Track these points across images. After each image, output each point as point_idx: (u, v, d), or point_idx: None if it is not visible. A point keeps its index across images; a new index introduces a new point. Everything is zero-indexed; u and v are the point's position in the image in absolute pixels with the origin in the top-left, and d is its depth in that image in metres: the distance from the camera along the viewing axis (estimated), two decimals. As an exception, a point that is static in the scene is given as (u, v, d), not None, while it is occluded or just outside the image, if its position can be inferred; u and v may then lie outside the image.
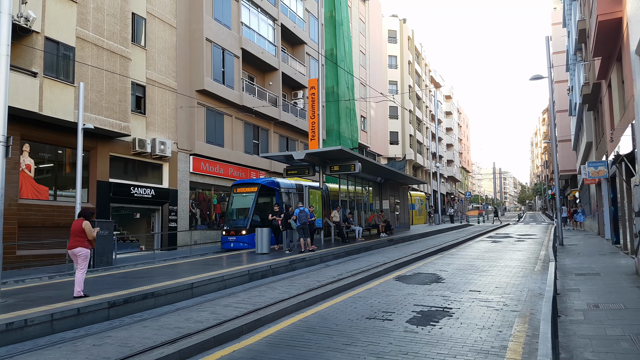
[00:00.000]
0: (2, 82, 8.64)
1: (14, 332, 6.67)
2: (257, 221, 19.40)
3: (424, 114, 67.62)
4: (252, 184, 20.51)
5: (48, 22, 16.35)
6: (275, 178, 21.48)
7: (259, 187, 19.96)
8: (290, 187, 21.44)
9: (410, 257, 14.43)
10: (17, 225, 15.73)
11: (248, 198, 19.82)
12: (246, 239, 18.98)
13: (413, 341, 5.90)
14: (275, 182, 20.69)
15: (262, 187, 20.03)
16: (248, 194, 19.97)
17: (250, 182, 20.87)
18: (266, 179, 21.22)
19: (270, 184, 20.41)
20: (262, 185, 20.10)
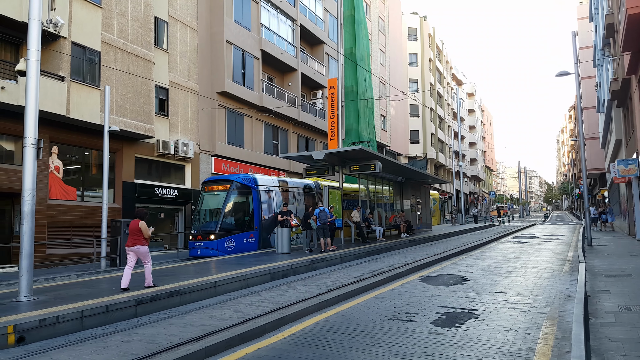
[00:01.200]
0: (33, 87, 8.87)
1: (46, 329, 6.82)
2: (230, 224, 17.40)
3: (446, 111, 66.91)
4: (224, 181, 18.25)
5: (74, 27, 16.72)
6: (253, 174, 19.24)
7: (231, 185, 17.74)
8: (271, 185, 19.21)
9: (433, 258, 14.29)
10: (47, 225, 16.14)
11: (219, 197, 17.63)
12: (215, 245, 16.66)
13: (438, 343, 5.84)
14: (252, 178, 18.45)
15: (234, 184, 17.78)
16: (219, 192, 17.75)
17: (222, 179, 18.61)
18: (241, 175, 18.87)
19: (246, 180, 18.16)
20: (235, 183, 17.84)
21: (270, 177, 19.66)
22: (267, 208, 18.56)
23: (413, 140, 52.77)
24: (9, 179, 15.31)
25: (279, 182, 19.73)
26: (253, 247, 17.72)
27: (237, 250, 16.95)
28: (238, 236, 17.30)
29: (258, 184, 18.35)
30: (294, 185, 20.65)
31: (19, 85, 14.39)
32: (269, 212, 18.66)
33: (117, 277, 11.30)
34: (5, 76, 14.97)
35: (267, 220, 18.50)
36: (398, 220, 24.66)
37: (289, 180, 20.50)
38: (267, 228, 18.49)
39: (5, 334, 6.33)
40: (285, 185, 19.97)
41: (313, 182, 21.82)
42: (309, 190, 21.47)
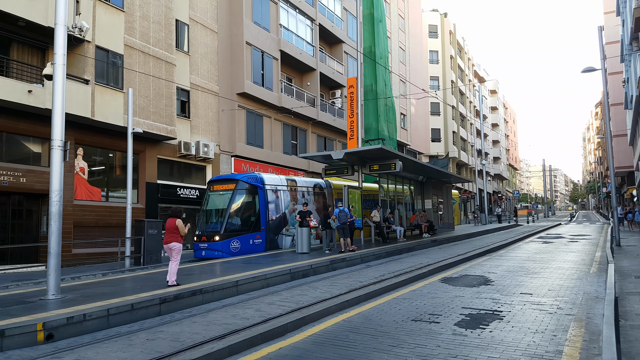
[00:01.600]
0: (59, 90, 9.05)
1: (74, 326, 6.96)
2: (235, 225, 16.82)
3: (468, 109, 66.10)
4: (230, 180, 17.71)
5: (98, 31, 17.04)
6: (260, 173, 18.71)
7: (236, 184, 17.18)
8: (279, 184, 18.62)
9: (456, 259, 14.11)
10: (73, 225, 16.50)
11: (224, 197, 17.08)
12: (220, 246, 16.08)
13: (462, 344, 5.76)
14: (258, 177, 17.88)
15: (240, 183, 17.23)
16: (225, 192, 17.22)
17: (227, 178, 18.11)
18: (247, 174, 18.24)
19: (252, 179, 17.56)
20: (241, 182, 17.29)
21: (277, 176, 19.10)
22: (274, 208, 17.99)
23: (434, 138, 52.27)
24: (37, 180, 15.69)
25: (287, 181, 19.15)
26: (259, 248, 17.09)
27: (243, 252, 16.36)
28: (244, 237, 16.73)
29: (265, 183, 17.81)
30: (304, 185, 20.09)
31: (46, 88, 14.73)
32: (277, 213, 18.13)
33: (141, 276, 11.48)
34: (33, 80, 15.34)
35: (274, 221, 17.94)
36: (419, 220, 24.44)
37: (297, 179, 19.96)
38: (275, 229, 17.95)
39: (34, 331, 6.49)
40: (294, 185, 19.38)
41: (324, 181, 21.38)
42: (319, 189, 20.94)
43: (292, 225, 18.46)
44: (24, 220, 16.57)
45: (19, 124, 15.34)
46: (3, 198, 15.80)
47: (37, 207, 16.56)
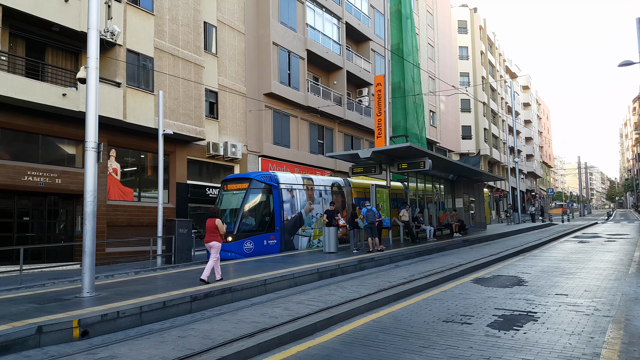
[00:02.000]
0: (92, 93, 9.27)
1: (108, 323, 7.11)
2: (249, 225, 16.32)
3: (500, 106, 64.80)
4: (243, 179, 17.18)
5: (129, 35, 17.40)
6: (275, 172, 18.21)
7: (250, 183, 16.67)
8: (294, 183, 18.02)
9: (488, 259, 13.84)
10: (106, 225, 16.90)
11: (238, 196, 16.59)
12: (233, 247, 15.55)
13: (495, 346, 5.62)
14: (272, 176, 17.32)
15: (254, 182, 16.71)
16: (238, 191, 16.71)
17: (241, 177, 17.58)
18: (261, 173, 17.75)
19: (266, 178, 17.03)
20: (255, 181, 16.76)
21: (293, 175, 18.62)
22: (289, 208, 17.46)
23: (465, 136, 51.42)
24: (71, 181, 16.14)
25: (303, 179, 18.61)
26: (274, 249, 16.57)
27: (257, 252, 15.92)
28: (257, 238, 16.19)
29: (279, 182, 17.25)
30: (321, 183, 19.52)
31: (79, 92, 15.13)
32: (292, 212, 17.59)
33: (172, 275, 11.67)
34: (67, 84, 15.77)
35: (289, 221, 17.41)
36: (450, 220, 24.07)
37: (314, 178, 19.38)
38: (290, 229, 17.42)
39: (70, 328, 6.65)
40: (310, 183, 18.81)
41: (342, 180, 20.92)
42: (337, 188, 20.34)
43: (309, 226, 18.24)
44: (60, 220, 17.07)
45: (54, 126, 15.80)
46: (39, 198, 16.32)
47: (72, 207, 17.03)
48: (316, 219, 18.62)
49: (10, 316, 7.11)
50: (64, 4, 15.18)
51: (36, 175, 15.29)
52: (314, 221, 18.55)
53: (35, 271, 14.48)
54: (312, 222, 18.48)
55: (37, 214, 16.49)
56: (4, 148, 15.03)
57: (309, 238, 18.22)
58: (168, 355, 5.47)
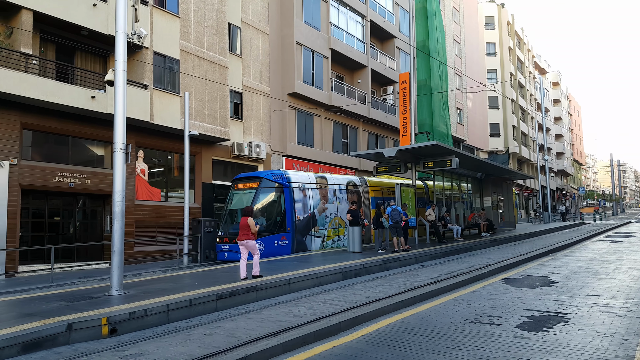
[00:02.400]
0: (120, 95, 9.44)
1: (135, 321, 7.22)
2: (260, 225, 15.67)
3: (529, 102, 63.47)
4: (253, 178, 16.88)
5: (155, 37, 17.67)
6: (286, 171, 17.76)
7: (260, 182, 16.36)
8: (307, 182, 17.54)
9: (517, 259, 13.54)
10: (134, 224, 17.21)
11: (248, 196, 16.34)
12: None
13: (524, 347, 5.48)
14: (284, 175, 16.96)
15: (264, 181, 16.40)
16: (248, 190, 16.44)
17: (251, 176, 17.22)
18: (272, 171, 17.42)
19: (277, 177, 16.69)
20: (265, 180, 16.45)
21: (306, 174, 18.15)
22: (301, 207, 17.00)
23: (493, 133, 50.55)
24: (100, 181, 16.49)
25: (316, 178, 18.14)
26: (285, 250, 16.13)
27: (267, 254, 15.46)
28: (268, 239, 15.77)
29: (291, 181, 16.85)
30: (335, 182, 18.98)
31: (107, 94, 15.44)
32: (304, 212, 17.13)
33: (198, 273, 11.80)
34: (95, 86, 16.12)
35: (301, 221, 16.94)
36: (478, 219, 23.69)
37: (328, 176, 18.92)
38: (302, 230, 16.94)
39: (99, 326, 6.78)
40: (324, 182, 18.34)
41: (358, 178, 20.48)
42: (352, 187, 19.74)
43: (322, 226, 17.83)
44: (89, 220, 17.47)
45: (83, 128, 16.17)
46: (69, 199, 16.73)
47: (101, 207, 17.41)
48: (330, 219, 18.21)
49: (41, 314, 7.30)
50: (92, 8, 15.52)
51: (66, 176, 15.68)
52: (328, 221, 18.12)
53: (65, 270, 14.87)
54: (326, 222, 18.03)
55: (67, 214, 16.90)
56: (35, 150, 15.46)
57: (323, 239, 17.80)
58: (194, 353, 5.51)
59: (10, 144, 14.33)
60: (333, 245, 18.07)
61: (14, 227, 14.33)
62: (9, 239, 14.12)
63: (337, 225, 18.39)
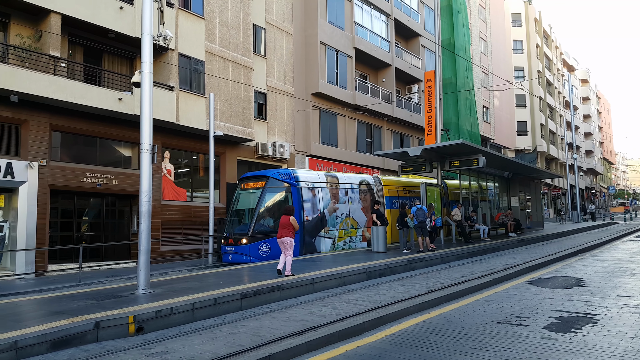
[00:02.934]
0: (147, 97, 9.58)
1: (162, 319, 7.31)
2: (265, 226, 15.39)
3: (557, 100, 62.08)
4: (260, 177, 16.30)
5: (181, 39, 17.91)
6: (294, 169, 16.96)
7: (267, 181, 15.79)
8: (316, 181, 16.88)
9: (545, 259, 13.25)
10: (161, 224, 17.47)
11: (254, 196, 15.78)
12: (247, 250, 14.76)
13: (552, 348, 5.35)
14: (291, 174, 16.31)
15: (271, 180, 15.84)
16: (255, 190, 15.88)
17: (257, 175, 16.62)
18: (279, 170, 16.80)
19: (284, 176, 16.09)
20: (271, 179, 15.88)
21: (315, 173, 17.50)
22: (310, 207, 16.40)
23: (520, 132, 49.62)
24: (127, 182, 16.80)
25: (326, 177, 17.45)
26: (293, 252, 16.10)
27: (274, 256, 14.80)
28: (275, 240, 14.91)
29: (299, 180, 16.24)
30: (347, 181, 18.26)
31: (134, 96, 15.72)
32: (313, 212, 16.49)
33: (223, 272, 11.89)
34: (122, 88, 16.43)
35: (310, 222, 16.34)
36: (505, 219, 23.28)
37: (339, 175, 18.26)
38: (311, 231, 16.31)
39: (126, 324, 6.88)
40: (334, 181, 17.63)
41: (371, 177, 19.67)
42: (366, 186, 18.91)
43: (333, 227, 17.13)
44: (117, 220, 17.81)
45: (110, 129, 16.50)
46: (97, 199, 17.10)
47: (128, 207, 17.73)
48: (341, 219, 17.51)
49: (70, 312, 7.45)
50: (119, 11, 15.82)
51: (94, 176, 16.02)
52: (339, 222, 17.35)
53: (93, 269, 15.20)
54: (337, 222, 17.27)
55: (95, 214, 17.26)
56: (64, 151, 15.85)
57: (333, 240, 17.08)
58: (219, 351, 5.54)
59: (40, 145, 14.72)
60: (344, 246, 17.38)
61: (44, 227, 14.72)
62: (39, 238, 14.51)
63: (349, 225, 17.78)
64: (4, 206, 14.68)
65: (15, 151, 14.45)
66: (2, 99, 13.69)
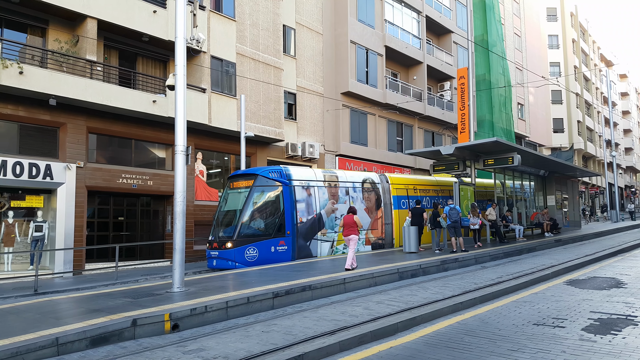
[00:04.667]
0: (181, 99, 9.75)
1: (196, 317, 7.42)
2: (252, 229, 14.14)
3: (594, 96, 60.15)
4: (248, 175, 14.95)
5: (213, 41, 18.16)
6: (287, 167, 15.58)
7: (255, 180, 14.46)
8: (311, 180, 15.58)
9: (583, 259, 12.86)
10: (194, 224, 17.75)
11: (241, 195, 14.52)
12: (232, 255, 13.53)
13: (590, 351, 5.19)
14: (282, 171, 14.98)
15: (260, 179, 14.51)
16: (243, 189, 14.63)
17: (246, 173, 15.28)
18: (269, 168, 15.37)
19: (274, 174, 14.76)
20: (260, 177, 14.55)
21: (311, 170, 16.35)
22: (305, 208, 15.11)
23: (556, 129, 48.29)
24: (162, 182, 17.14)
25: (324, 175, 16.16)
26: (284, 257, 14.31)
27: (262, 261, 13.80)
28: (263, 244, 14.01)
29: (291, 178, 14.95)
30: (349, 180, 16.90)
31: (168, 98, 16.02)
32: (308, 214, 15.19)
33: (255, 271, 11.98)
34: (156, 91, 16.77)
35: (304, 224, 15.03)
36: (541, 218, 22.70)
37: (340, 174, 16.91)
38: (305, 233, 15.03)
39: (162, 321, 7.01)
40: (333, 180, 16.28)
41: (377, 175, 18.35)
42: (370, 185, 17.58)
43: (331, 229, 15.81)
44: (151, 220, 18.20)
45: (145, 131, 16.87)
46: (133, 199, 17.50)
47: (162, 207, 18.09)
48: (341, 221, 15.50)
49: (107, 309, 7.64)
50: (153, 15, 16.16)
51: (130, 177, 16.41)
52: (338, 223, 15.85)
53: (129, 268, 15.54)
54: (336, 224, 15.91)
55: (131, 214, 17.68)
56: (100, 153, 16.29)
57: (332, 243, 15.79)
58: (253, 349, 5.59)
59: (77, 147, 15.17)
60: (345, 250, 15.69)
61: (81, 226, 15.15)
62: (76, 238, 14.95)
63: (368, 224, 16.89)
64: (43, 207, 15.21)
65: (53, 153, 14.94)
66: (41, 102, 14.19)
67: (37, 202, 15.10)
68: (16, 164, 13.72)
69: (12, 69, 12.90)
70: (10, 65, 12.89)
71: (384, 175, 18.88)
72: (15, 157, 13.83)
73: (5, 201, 14.87)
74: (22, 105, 14.02)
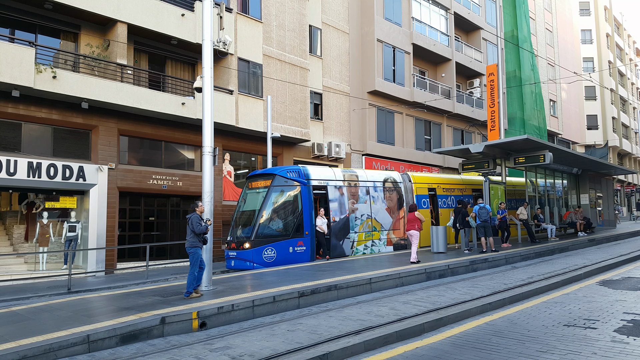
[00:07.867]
0: (208, 101, 9.89)
1: (223, 315, 7.53)
2: (270, 229, 14.00)
3: (630, 92, 58.17)
4: (266, 175, 14.84)
5: (239, 43, 18.35)
6: (305, 167, 15.39)
7: (273, 180, 14.35)
8: (330, 179, 15.42)
9: (617, 259, 12.48)
10: (222, 224, 17.96)
11: (259, 196, 14.44)
12: (250, 255, 13.45)
13: (623, 352, 5.03)
14: (300, 171, 14.83)
15: (277, 179, 14.37)
16: (261, 189, 14.55)
17: (264, 173, 15.11)
18: (288, 167, 15.29)
19: (292, 174, 14.62)
20: (278, 177, 14.41)
21: (330, 170, 16.01)
22: (337, 207, 15.31)
23: (590, 126, 46.93)
24: (191, 183, 17.42)
25: (343, 174, 15.96)
26: (303, 257, 14.15)
27: (280, 262, 13.69)
28: (281, 244, 13.90)
29: (310, 178, 14.77)
30: (369, 179, 16.65)
31: (196, 100, 16.27)
32: (341, 213, 15.38)
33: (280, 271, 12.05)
34: (185, 93, 17.05)
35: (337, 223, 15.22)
36: (574, 218, 22.08)
37: (359, 173, 16.69)
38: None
39: (190, 320, 7.15)
40: (353, 179, 16.11)
41: (399, 174, 18.03)
42: (392, 184, 17.29)
43: (352, 229, 15.65)
44: (181, 220, 18.49)
45: (174, 133, 17.17)
46: (163, 200, 17.84)
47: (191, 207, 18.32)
48: (361, 221, 16.01)
49: (137, 308, 7.82)
50: (181, 18, 16.44)
51: (160, 178, 16.74)
52: (359, 224, 15.86)
53: (159, 267, 15.86)
54: (356, 225, 15.79)
55: (161, 214, 18.02)
56: (131, 154, 16.67)
57: (352, 243, 15.61)
58: (278, 348, 5.63)
59: (109, 149, 15.56)
60: (365, 251, 15.86)
61: (113, 227, 15.53)
62: (108, 238, 15.34)
63: (371, 228, 16.29)
64: (76, 207, 15.67)
65: (86, 155, 15.36)
66: (74, 106, 14.61)
67: (70, 203, 15.58)
68: (50, 166, 14.16)
69: (45, 74, 13.33)
70: (44, 70, 13.32)
71: (407, 174, 18.51)
72: (50, 160, 14.27)
73: (40, 202, 15.39)
74: (56, 108, 14.45)
